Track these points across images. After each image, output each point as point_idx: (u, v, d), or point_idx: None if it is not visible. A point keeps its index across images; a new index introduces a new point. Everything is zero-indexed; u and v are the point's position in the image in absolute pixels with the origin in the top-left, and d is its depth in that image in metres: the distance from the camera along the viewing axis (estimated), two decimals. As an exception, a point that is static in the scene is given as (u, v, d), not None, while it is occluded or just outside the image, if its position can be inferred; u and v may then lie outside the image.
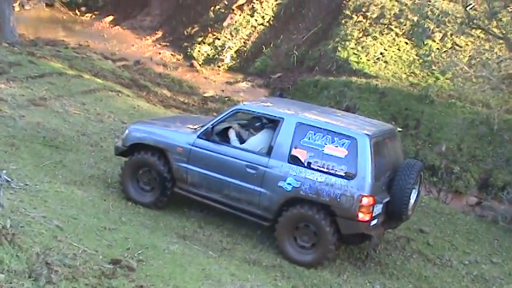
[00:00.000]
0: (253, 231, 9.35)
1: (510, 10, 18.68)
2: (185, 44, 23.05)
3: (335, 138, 8.43)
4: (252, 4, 23.46)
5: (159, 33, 24.12)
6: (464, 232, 11.16)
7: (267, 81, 20.69)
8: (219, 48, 22.49)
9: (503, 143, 15.36)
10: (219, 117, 9.42)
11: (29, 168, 9.65)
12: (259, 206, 8.82)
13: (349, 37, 20.75)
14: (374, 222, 8.48)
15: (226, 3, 23.86)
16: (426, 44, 19.88)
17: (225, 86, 20.35)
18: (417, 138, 16.07)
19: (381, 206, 8.57)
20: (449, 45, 19.64)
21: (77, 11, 26.63)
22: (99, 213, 8.70)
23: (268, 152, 8.80)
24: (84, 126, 12.45)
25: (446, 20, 20.53)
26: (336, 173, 8.34)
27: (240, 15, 23.29)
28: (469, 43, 19.59)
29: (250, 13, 23.28)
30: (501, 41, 16.59)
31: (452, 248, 10.34)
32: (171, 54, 22.74)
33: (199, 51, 22.51)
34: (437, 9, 20.98)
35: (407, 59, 19.49)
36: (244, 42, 22.56)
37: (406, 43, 20.11)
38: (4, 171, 6.55)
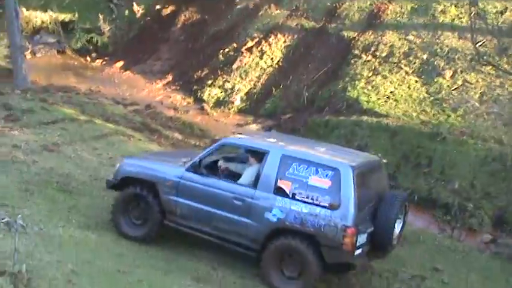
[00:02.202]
0: (266, 272, 9.45)
1: (519, 46, 18.99)
2: (195, 87, 23.32)
3: (319, 170, 8.81)
4: (261, 46, 23.79)
5: (169, 77, 24.41)
6: (480, 270, 11.20)
7: (278, 122, 20.86)
8: (229, 91, 22.74)
9: (516, 179, 15.39)
10: (206, 151, 9.97)
11: (44, 213, 9.88)
12: (247, 237, 9.17)
13: (359, 76, 20.94)
14: (358, 251, 8.80)
15: (235, 46, 24.21)
16: (436, 81, 19.98)
17: (235, 128, 20.52)
18: (430, 176, 16.09)
19: (365, 236, 8.93)
20: (459, 82, 19.72)
21: (87, 57, 27.08)
22: (113, 256, 8.89)
23: (255, 184, 9.16)
24: (97, 171, 12.71)
25: (456, 57, 20.67)
26: (320, 203, 8.70)
27: (249, 57, 23.61)
28: (480, 80, 19.67)
29: (259, 55, 23.59)
30: None
31: (468, 286, 10.35)
32: (182, 98, 22.99)
33: (209, 94, 22.77)
34: (447, 46, 21.13)
35: (418, 97, 19.59)
36: (254, 84, 22.80)
37: (416, 81, 20.23)
38: (19, 216, 6.77)
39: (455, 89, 19.59)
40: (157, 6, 27.76)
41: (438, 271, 10.67)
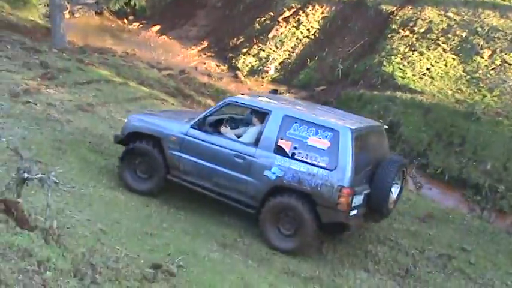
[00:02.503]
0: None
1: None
2: (230, 54, 23.25)
3: (319, 131, 8.86)
4: (297, 16, 23.55)
5: (205, 44, 24.36)
6: (508, 252, 10.98)
7: (311, 93, 20.70)
8: (264, 60, 22.62)
9: (550, 164, 15.06)
10: (212, 108, 10.03)
11: (75, 172, 9.91)
12: (246, 194, 9.23)
13: (395, 52, 20.62)
14: (353, 212, 8.86)
15: (272, 14, 24.01)
16: (474, 60, 19.56)
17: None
18: (462, 155, 15.82)
19: (361, 197, 8.95)
20: (498, 62, 19.29)
21: (125, 20, 27.14)
22: (141, 218, 8.91)
23: (256, 143, 9.23)
24: (129, 133, 12.66)
25: (496, 36, 20.19)
26: (318, 163, 8.74)
27: (285, 27, 23.41)
28: (519, 61, 19.25)
29: (295, 25, 23.37)
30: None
31: (495, 268, 10.19)
32: (216, 65, 22.96)
33: (243, 62, 22.68)
34: (487, 25, 20.66)
35: (454, 75, 19.23)
36: (288, 54, 22.64)
37: (454, 59, 19.84)
38: (52, 173, 6.76)
39: (493, 68, 19.18)
40: (196, -28, 27.61)
41: (465, 251, 10.49)
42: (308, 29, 23.18)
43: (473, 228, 11.83)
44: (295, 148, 8.91)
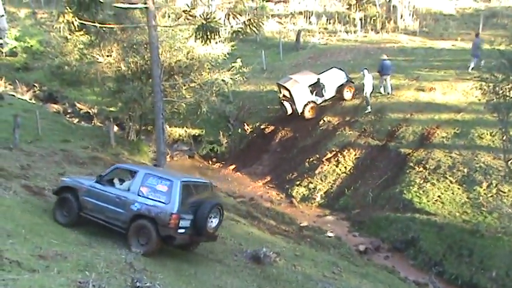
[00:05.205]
0: None
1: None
2: (287, 186, 23.43)
3: (162, 181, 11.12)
4: (337, 157, 23.77)
5: (268, 178, 24.69)
6: None
7: (348, 215, 20.48)
8: (312, 190, 22.67)
9: (545, 273, 14.13)
10: (107, 171, 12.25)
11: (172, 277, 9.99)
12: (121, 220, 11.20)
13: (413, 183, 20.39)
14: (181, 231, 10.89)
15: (318, 156, 24.30)
16: (475, 189, 19.06)
17: (316, 218, 20.33)
18: (471, 265, 15.10)
19: (188, 222, 10.98)
20: (494, 191, 18.72)
21: (209, 161, 27.94)
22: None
23: (128, 189, 11.37)
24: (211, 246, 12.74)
25: (491, 171, 19.72)
26: (160, 200, 10.93)
27: (328, 165, 23.58)
28: (511, 190, 18.65)
29: (335, 164, 23.55)
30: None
31: None
32: (276, 193, 23.13)
33: (297, 191, 22.79)
34: (483, 163, 20.27)
35: (460, 201, 18.73)
36: (331, 186, 22.64)
37: (459, 188, 19.39)
38: (158, 282, 6.93)
39: (490, 196, 18.62)
40: (262, 126, 28.57)
41: None
42: (345, 167, 23.30)
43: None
44: (149, 191, 11.04)
